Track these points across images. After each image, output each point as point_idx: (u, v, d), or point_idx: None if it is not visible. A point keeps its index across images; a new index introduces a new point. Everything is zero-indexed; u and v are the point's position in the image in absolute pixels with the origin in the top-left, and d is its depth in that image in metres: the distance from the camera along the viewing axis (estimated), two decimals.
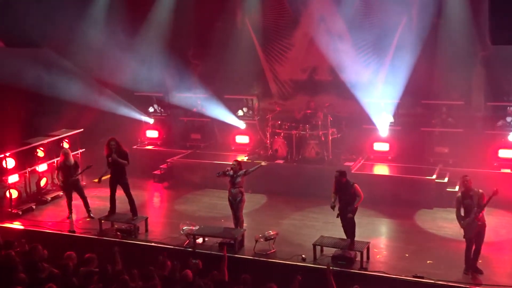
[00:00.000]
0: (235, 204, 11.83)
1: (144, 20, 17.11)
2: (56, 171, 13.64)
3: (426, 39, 14.79)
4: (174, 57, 17.00)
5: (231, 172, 11.76)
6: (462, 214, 10.18)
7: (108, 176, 12.78)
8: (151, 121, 17.36)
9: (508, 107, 14.25)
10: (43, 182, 14.60)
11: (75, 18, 16.42)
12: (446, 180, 13.79)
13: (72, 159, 13.28)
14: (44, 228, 12.73)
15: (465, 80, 14.70)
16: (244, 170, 11.81)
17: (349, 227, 11.02)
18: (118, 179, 12.55)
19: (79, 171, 13.37)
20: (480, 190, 10.10)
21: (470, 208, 10.09)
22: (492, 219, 11.70)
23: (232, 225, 12.00)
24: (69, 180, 13.15)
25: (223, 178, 11.93)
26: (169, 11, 17.06)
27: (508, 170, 13.80)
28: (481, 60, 14.57)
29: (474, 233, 10.11)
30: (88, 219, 13.14)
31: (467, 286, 9.84)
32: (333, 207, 11.07)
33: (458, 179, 10.70)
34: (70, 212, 13.36)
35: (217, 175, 11.88)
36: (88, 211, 13.31)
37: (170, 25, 17.02)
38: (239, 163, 11.97)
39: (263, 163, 12.05)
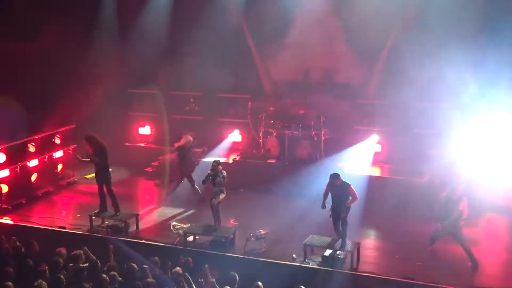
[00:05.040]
0: (213, 203, 11.94)
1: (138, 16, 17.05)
2: None
3: (417, 41, 14.83)
4: (168, 55, 16.96)
5: (212, 173, 11.92)
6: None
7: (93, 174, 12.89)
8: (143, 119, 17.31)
9: None
10: (34, 177, 14.53)
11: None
12: (437, 181, 13.81)
13: None
14: (34, 223, 12.67)
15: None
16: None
17: (341, 228, 11.03)
18: (100, 176, 12.54)
19: None
20: (464, 197, 10.39)
21: (450, 208, 10.51)
22: (485, 223, 11.80)
23: (223, 224, 12.03)
24: None
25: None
26: (165, 9, 17.03)
27: None
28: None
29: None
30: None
31: None
32: (323, 207, 11.08)
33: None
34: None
35: (203, 183, 12.16)
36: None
37: (165, 23, 16.98)
38: (219, 163, 12.08)
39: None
